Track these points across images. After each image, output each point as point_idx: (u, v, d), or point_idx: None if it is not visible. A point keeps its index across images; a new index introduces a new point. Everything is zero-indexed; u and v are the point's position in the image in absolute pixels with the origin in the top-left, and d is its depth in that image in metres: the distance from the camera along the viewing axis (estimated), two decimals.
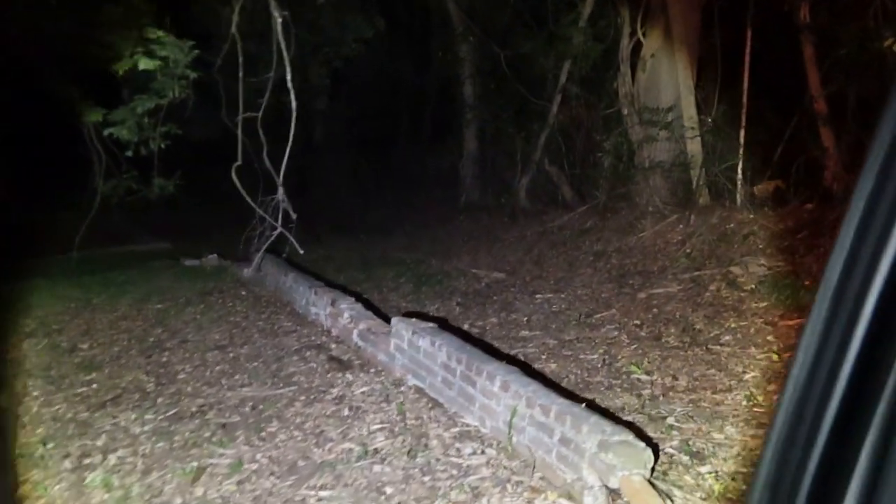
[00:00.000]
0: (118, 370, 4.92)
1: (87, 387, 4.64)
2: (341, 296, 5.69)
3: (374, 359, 4.81)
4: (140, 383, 4.68)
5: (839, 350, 0.62)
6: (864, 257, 0.60)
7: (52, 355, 5.21)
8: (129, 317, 6.17)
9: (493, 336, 5.80)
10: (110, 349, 5.35)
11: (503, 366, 3.76)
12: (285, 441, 3.73)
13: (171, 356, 5.19)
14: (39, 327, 5.86)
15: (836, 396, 0.62)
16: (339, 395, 4.32)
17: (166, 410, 4.21)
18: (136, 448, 3.72)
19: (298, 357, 5.04)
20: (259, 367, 4.87)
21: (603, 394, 4.32)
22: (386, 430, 3.79)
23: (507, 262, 8.48)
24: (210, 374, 4.80)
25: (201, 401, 4.35)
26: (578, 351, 5.22)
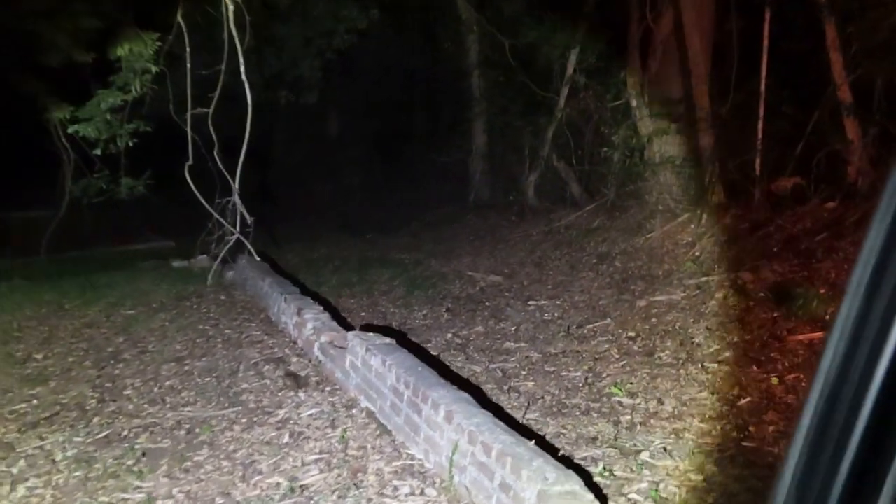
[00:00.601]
0: (65, 384, 4.62)
1: (28, 403, 4.34)
2: (309, 304, 5.31)
3: (332, 376, 4.42)
4: (82, 400, 4.36)
5: (872, 350, 0.58)
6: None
7: (2, 366, 4.94)
8: (95, 324, 5.89)
9: (476, 347, 5.37)
10: (65, 360, 5.07)
11: (452, 392, 3.33)
12: (210, 473, 3.35)
13: (125, 369, 4.87)
14: (1, 334, 5.61)
15: (870, 398, 0.58)
16: (285, 417, 3.94)
17: (98, 432, 3.89)
18: (50, 478, 3.39)
19: (254, 372, 4.68)
20: (210, 383, 4.52)
21: (577, 419, 3.86)
22: (322, 462, 3.39)
23: (508, 265, 8.01)
24: (157, 391, 4.46)
25: (138, 421, 4.01)
26: (562, 367, 4.75)
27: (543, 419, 3.90)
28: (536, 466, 2.60)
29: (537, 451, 2.76)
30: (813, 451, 0.63)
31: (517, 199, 10.15)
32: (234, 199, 5.41)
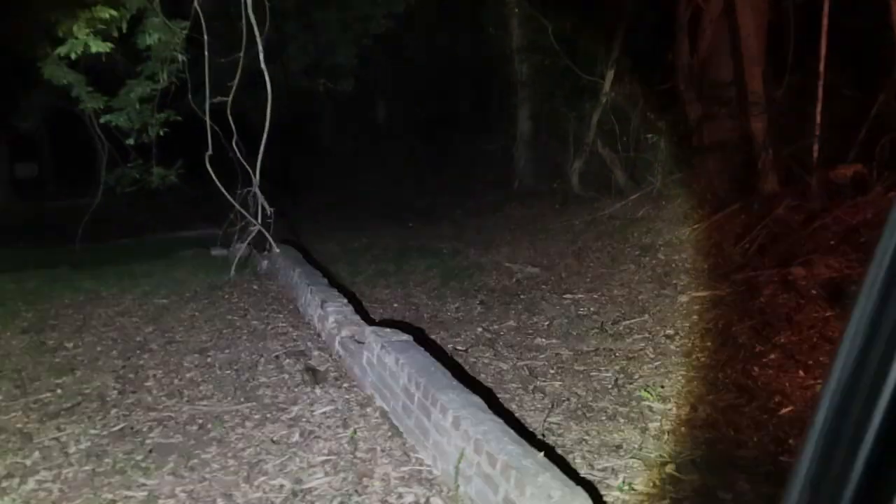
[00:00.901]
0: (90, 374, 4.64)
1: (52, 392, 4.36)
2: (334, 296, 5.21)
3: (351, 371, 4.30)
4: (105, 390, 4.36)
5: (889, 343, 0.57)
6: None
7: (33, 354, 5.00)
8: (128, 312, 5.94)
9: (505, 343, 5.17)
10: (93, 349, 5.10)
11: (463, 396, 3.15)
12: (215, 472, 3.27)
13: (150, 359, 4.86)
14: (36, 322, 5.71)
15: (886, 393, 0.56)
16: (298, 414, 3.84)
17: (114, 425, 3.86)
18: (60, 472, 3.37)
19: (275, 365, 4.60)
20: (229, 377, 4.47)
21: (602, 425, 3.63)
22: (329, 465, 3.27)
23: (547, 255, 7.75)
24: (177, 383, 4.43)
25: (154, 415, 3.97)
26: (592, 366, 4.52)
27: (566, 423, 3.69)
28: (542, 482, 2.40)
29: (545, 464, 2.56)
30: (827, 448, 0.62)
31: (561, 187, 9.85)
32: (255, 190, 5.32)
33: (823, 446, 0.62)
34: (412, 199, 14.27)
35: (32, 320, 5.78)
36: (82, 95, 5.84)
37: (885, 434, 0.57)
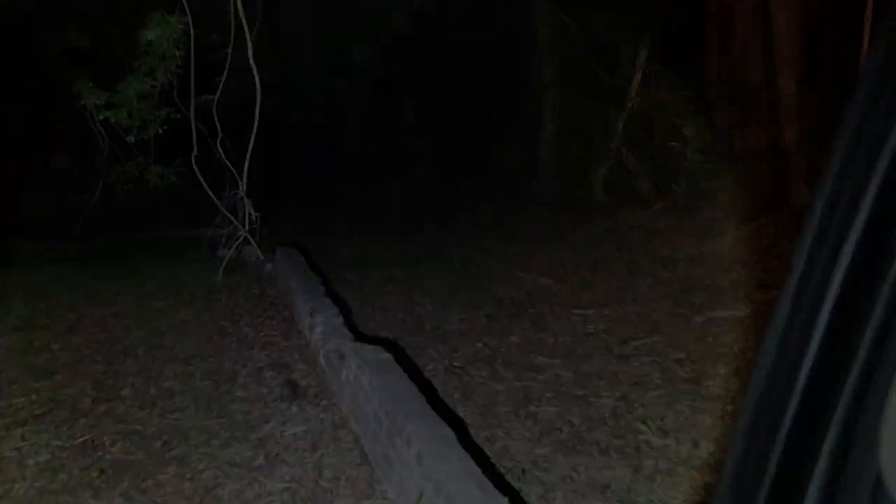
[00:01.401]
0: (69, 378, 4.48)
1: (26, 397, 4.22)
2: (326, 305, 4.97)
3: (331, 388, 4.05)
4: (78, 398, 4.20)
5: (800, 343, 0.62)
6: (823, 256, 0.61)
7: (18, 355, 4.88)
8: (121, 314, 5.79)
9: (505, 361, 4.87)
10: (79, 352, 4.95)
11: (432, 427, 2.88)
12: (167, 496, 3.06)
13: (133, 365, 4.70)
14: (30, 321, 5.60)
15: (798, 389, 0.62)
16: (268, 434, 3.61)
17: (80, 436, 3.69)
18: (12, 486, 3.20)
19: (256, 378, 4.39)
20: (206, 388, 4.27)
21: (592, 459, 3.32)
22: (288, 493, 3.03)
23: (562, 266, 7.40)
24: (153, 393, 4.24)
25: (122, 427, 3.79)
26: (592, 391, 4.19)
27: (554, 456, 3.38)
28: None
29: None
30: (750, 439, 0.67)
31: (583, 194, 9.47)
32: (241, 194, 5.11)
33: (746, 440, 0.67)
34: (432, 202, 14.01)
35: (26, 318, 5.67)
36: (83, 91, 5.74)
37: (797, 426, 0.61)
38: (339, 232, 10.72)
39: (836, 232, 0.58)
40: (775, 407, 0.62)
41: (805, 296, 0.61)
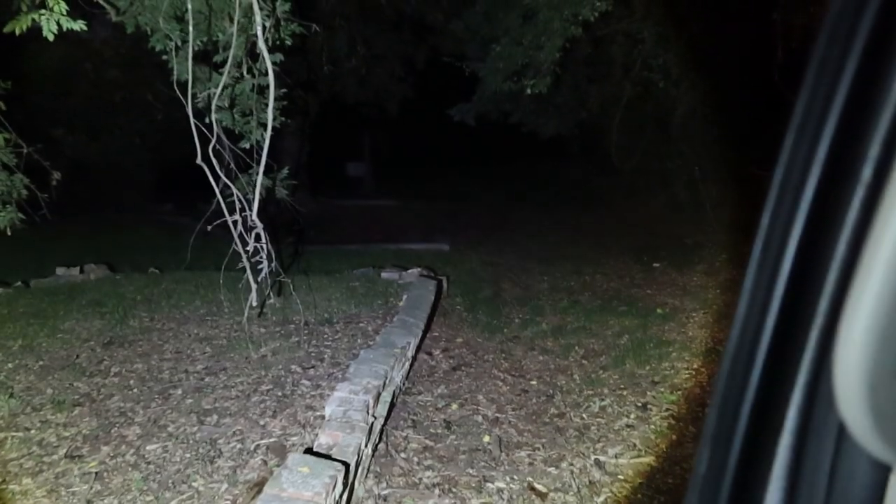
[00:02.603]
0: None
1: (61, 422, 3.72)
2: (374, 373, 3.71)
3: (302, 496, 2.79)
4: (76, 438, 3.57)
5: (754, 338, 0.67)
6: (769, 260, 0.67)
7: (40, 384, 4.50)
8: (210, 338, 5.21)
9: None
10: (132, 379, 4.41)
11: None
12: None
13: (132, 419, 3.96)
14: (86, 341, 5.25)
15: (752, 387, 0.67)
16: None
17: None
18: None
19: (238, 462, 3.32)
20: (174, 467, 3.31)
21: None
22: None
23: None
24: (125, 459, 3.42)
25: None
26: None
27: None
28: None
29: None
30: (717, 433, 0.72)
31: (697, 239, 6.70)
32: (252, 217, 4.08)
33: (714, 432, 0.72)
34: (535, 230, 11.88)
35: (93, 333, 5.34)
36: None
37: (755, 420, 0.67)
38: (518, 259, 9.33)
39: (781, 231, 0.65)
40: (744, 367, 0.68)
41: (763, 269, 0.67)
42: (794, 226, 0.63)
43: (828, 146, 0.60)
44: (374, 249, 10.79)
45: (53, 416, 3.89)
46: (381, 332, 4.68)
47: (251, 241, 4.03)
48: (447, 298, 7.36)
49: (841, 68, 0.59)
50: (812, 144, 0.61)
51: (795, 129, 0.64)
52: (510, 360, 5.43)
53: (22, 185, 4.95)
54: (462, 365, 5.27)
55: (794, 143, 0.64)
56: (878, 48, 0.56)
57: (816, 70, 0.62)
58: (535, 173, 19.01)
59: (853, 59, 0.58)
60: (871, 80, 0.56)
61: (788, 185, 0.65)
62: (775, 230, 0.66)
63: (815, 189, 0.62)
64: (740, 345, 0.69)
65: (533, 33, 6.63)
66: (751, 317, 0.68)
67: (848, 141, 0.58)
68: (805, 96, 0.63)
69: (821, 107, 0.61)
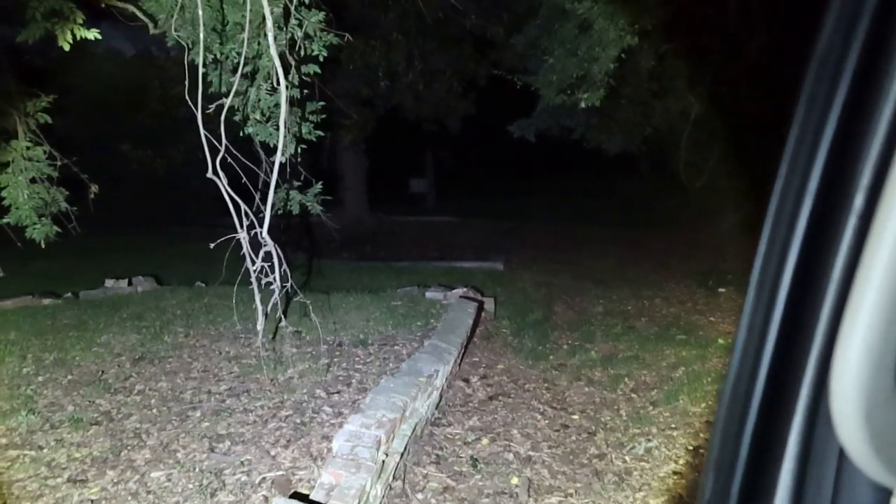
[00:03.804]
0: (105, 429, 3.80)
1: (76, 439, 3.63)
2: (391, 405, 3.44)
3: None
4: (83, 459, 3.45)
5: (754, 366, 0.67)
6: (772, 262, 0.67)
7: (66, 398, 4.42)
8: (240, 357, 5.06)
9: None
10: (154, 398, 4.29)
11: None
12: None
13: (143, 442, 3.82)
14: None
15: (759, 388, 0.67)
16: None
17: None
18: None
19: (239, 497, 3.10)
20: (192, 492, 3.13)
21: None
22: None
23: None
24: (127, 486, 3.26)
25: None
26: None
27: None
28: None
29: None
30: (725, 433, 0.71)
31: None
32: (263, 234, 3.85)
33: (722, 435, 0.72)
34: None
35: (126, 348, 5.26)
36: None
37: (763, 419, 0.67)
38: (577, 280, 8.87)
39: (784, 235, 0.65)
40: (745, 394, 0.68)
41: (761, 297, 0.67)
42: (789, 255, 0.64)
43: (820, 176, 0.61)
44: (426, 267, 10.56)
45: (69, 435, 3.79)
46: (409, 359, 4.40)
47: (258, 261, 3.84)
48: (493, 321, 7.04)
49: (829, 102, 0.60)
50: (805, 175, 0.62)
51: (788, 161, 0.65)
52: (553, 391, 5.06)
53: (61, 197, 4.96)
54: (500, 394, 4.94)
55: (787, 175, 0.65)
56: (864, 81, 0.57)
57: (806, 104, 0.63)
58: (599, 191, 18.51)
59: (841, 93, 0.59)
60: (858, 113, 0.57)
61: (783, 216, 0.65)
62: (771, 259, 0.67)
63: (809, 218, 0.63)
64: (740, 372, 0.70)
65: (588, 44, 6.30)
66: (750, 344, 0.69)
67: (840, 171, 0.58)
68: (796, 129, 0.64)
69: (811, 139, 0.62)
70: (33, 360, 4.96)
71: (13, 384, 4.52)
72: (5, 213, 4.61)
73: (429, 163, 22.97)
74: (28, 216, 4.60)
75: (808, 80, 0.63)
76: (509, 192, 21.90)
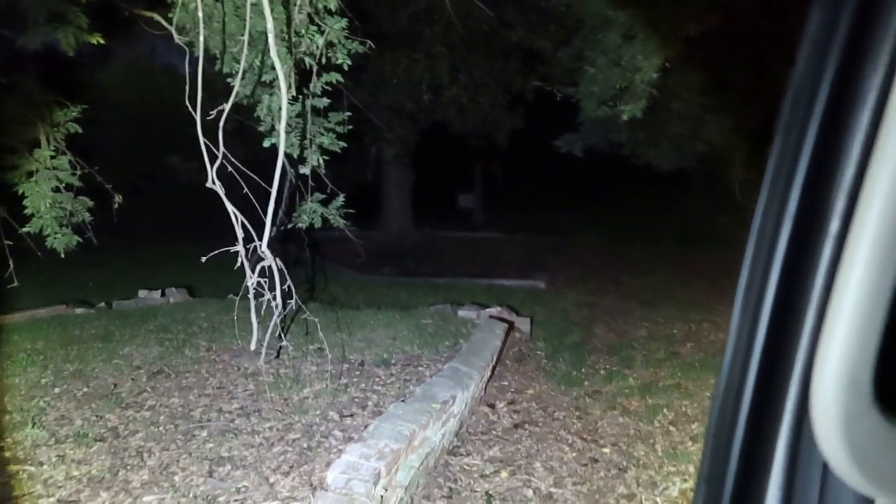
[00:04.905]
0: (103, 449, 3.68)
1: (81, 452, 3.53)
2: (386, 431, 3.20)
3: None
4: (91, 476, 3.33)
5: (745, 361, 0.69)
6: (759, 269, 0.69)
7: (60, 413, 4.33)
8: (258, 373, 4.91)
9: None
10: (164, 415, 4.17)
11: None
12: None
13: (169, 447, 3.68)
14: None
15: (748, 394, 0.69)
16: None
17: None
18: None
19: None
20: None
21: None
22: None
23: None
24: (133, 486, 3.11)
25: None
26: None
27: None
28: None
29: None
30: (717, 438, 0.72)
31: None
32: (263, 247, 3.64)
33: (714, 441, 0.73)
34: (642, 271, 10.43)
35: (147, 361, 5.17)
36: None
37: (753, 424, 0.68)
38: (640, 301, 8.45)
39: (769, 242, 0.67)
40: (733, 409, 0.69)
41: (747, 312, 0.69)
42: (770, 276, 0.66)
43: (797, 201, 0.64)
44: (464, 284, 10.31)
45: (72, 451, 3.68)
46: (425, 382, 4.15)
47: (254, 276, 3.66)
48: (528, 342, 6.73)
49: (804, 131, 0.63)
50: (783, 201, 0.64)
51: (768, 187, 0.67)
52: (584, 420, 4.73)
53: (84, 207, 4.93)
54: (526, 422, 4.64)
55: (766, 201, 0.67)
56: (835, 112, 0.60)
57: (783, 134, 0.66)
58: (650, 208, 17.93)
59: (815, 123, 0.62)
60: (831, 142, 0.60)
61: (764, 240, 0.67)
62: (755, 281, 0.68)
63: (788, 241, 0.65)
64: (728, 388, 0.70)
65: (631, 53, 5.98)
66: (736, 362, 0.70)
67: (815, 196, 0.61)
68: (774, 157, 0.66)
69: (789, 167, 0.64)
70: (54, 370, 4.92)
71: (29, 395, 4.47)
72: (27, 222, 4.60)
73: (477, 178, 22.78)
74: (50, 225, 4.58)
75: (784, 110, 0.65)
76: (558, 207, 21.49)
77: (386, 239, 16.01)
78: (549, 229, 16.97)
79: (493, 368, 5.33)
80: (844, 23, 0.59)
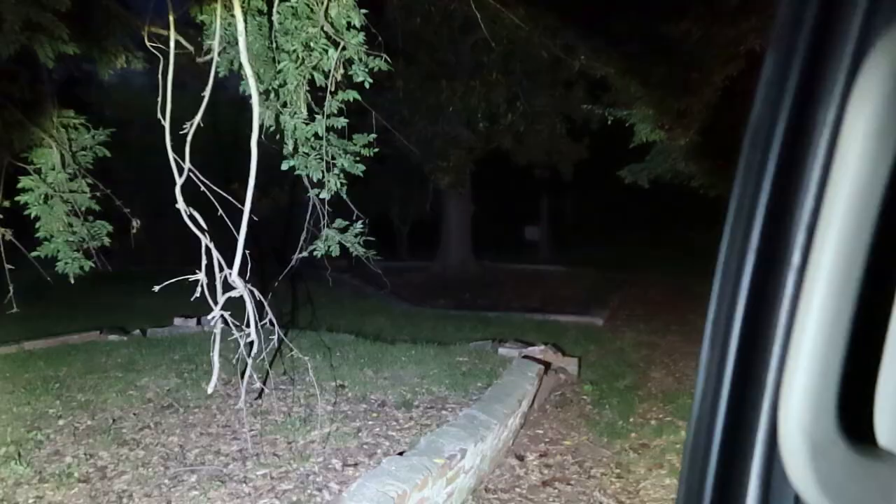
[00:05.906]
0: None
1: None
2: (394, 473, 2.77)
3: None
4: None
5: (717, 382, 0.69)
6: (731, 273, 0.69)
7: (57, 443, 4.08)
8: (269, 412, 4.58)
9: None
10: (157, 455, 3.88)
11: None
12: None
13: (153, 493, 3.37)
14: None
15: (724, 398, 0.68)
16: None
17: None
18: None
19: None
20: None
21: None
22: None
23: None
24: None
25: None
26: None
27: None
28: None
29: None
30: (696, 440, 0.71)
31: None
32: (233, 276, 3.27)
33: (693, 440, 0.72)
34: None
35: (160, 394, 4.94)
36: None
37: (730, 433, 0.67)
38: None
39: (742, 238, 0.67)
40: (705, 442, 0.69)
41: (716, 343, 0.69)
42: (736, 310, 0.66)
43: (758, 236, 0.65)
44: (517, 318, 9.79)
45: (51, 493, 3.42)
46: (431, 432, 3.70)
47: (217, 309, 3.33)
48: (574, 384, 6.17)
49: (763, 168, 0.64)
50: (746, 234, 0.66)
51: (731, 222, 0.68)
52: (624, 480, 4.15)
53: (104, 231, 4.79)
54: (557, 479, 4.11)
55: (730, 235, 0.68)
56: (792, 149, 0.61)
57: (744, 170, 0.67)
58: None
59: (773, 159, 0.63)
60: (790, 178, 0.61)
61: (729, 273, 0.68)
62: (722, 311, 0.68)
63: (752, 274, 0.65)
64: (699, 424, 0.71)
65: (687, 74, 5.46)
66: (706, 395, 0.70)
67: (777, 231, 0.63)
68: (736, 192, 0.67)
69: (749, 202, 0.65)
70: (65, 400, 4.75)
71: (33, 426, 4.29)
72: (39, 245, 4.47)
73: (543, 209, 22.25)
74: (62, 249, 4.44)
75: (745, 148, 0.67)
76: (626, 240, 20.65)
77: (444, 270, 15.67)
78: (615, 263, 16.24)
79: (526, 415, 4.82)
80: (797, 65, 0.61)
